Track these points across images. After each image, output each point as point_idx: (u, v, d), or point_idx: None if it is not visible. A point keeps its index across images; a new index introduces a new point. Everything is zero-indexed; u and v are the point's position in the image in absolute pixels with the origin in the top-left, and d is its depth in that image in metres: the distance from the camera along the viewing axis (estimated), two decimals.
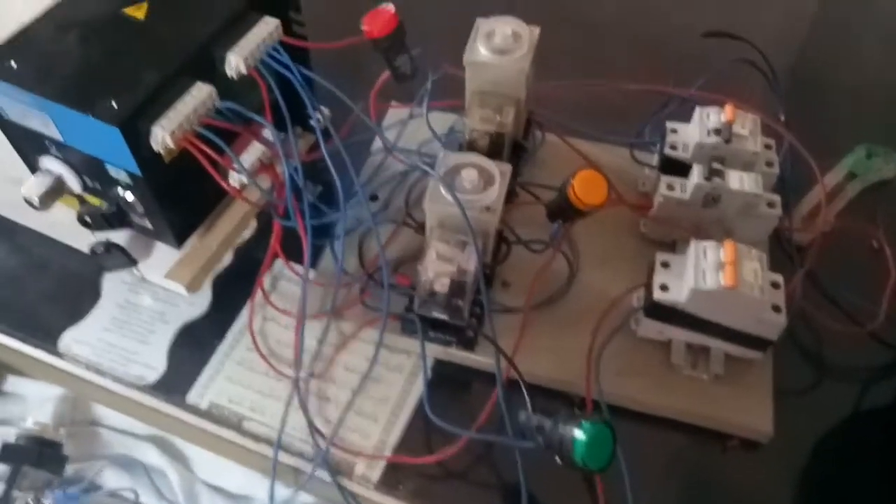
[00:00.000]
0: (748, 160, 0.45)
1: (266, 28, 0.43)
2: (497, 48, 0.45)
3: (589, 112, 0.56)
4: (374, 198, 0.51)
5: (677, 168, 0.47)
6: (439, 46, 0.48)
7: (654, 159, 0.51)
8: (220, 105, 0.41)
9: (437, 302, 0.40)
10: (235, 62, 0.42)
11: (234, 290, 0.48)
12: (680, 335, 0.43)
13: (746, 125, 0.45)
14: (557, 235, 0.44)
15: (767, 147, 0.46)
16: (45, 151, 0.42)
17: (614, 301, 0.43)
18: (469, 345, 0.42)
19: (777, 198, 0.44)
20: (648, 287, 0.41)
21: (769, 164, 0.46)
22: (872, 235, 0.49)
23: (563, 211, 0.42)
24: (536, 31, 0.46)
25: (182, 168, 0.40)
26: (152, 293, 0.48)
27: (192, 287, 0.47)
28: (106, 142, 0.38)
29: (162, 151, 0.39)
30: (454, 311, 0.40)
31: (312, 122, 0.48)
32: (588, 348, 0.42)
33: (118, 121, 0.36)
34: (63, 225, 0.47)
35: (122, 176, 0.40)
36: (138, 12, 0.41)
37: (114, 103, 0.37)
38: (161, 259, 0.47)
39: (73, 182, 0.43)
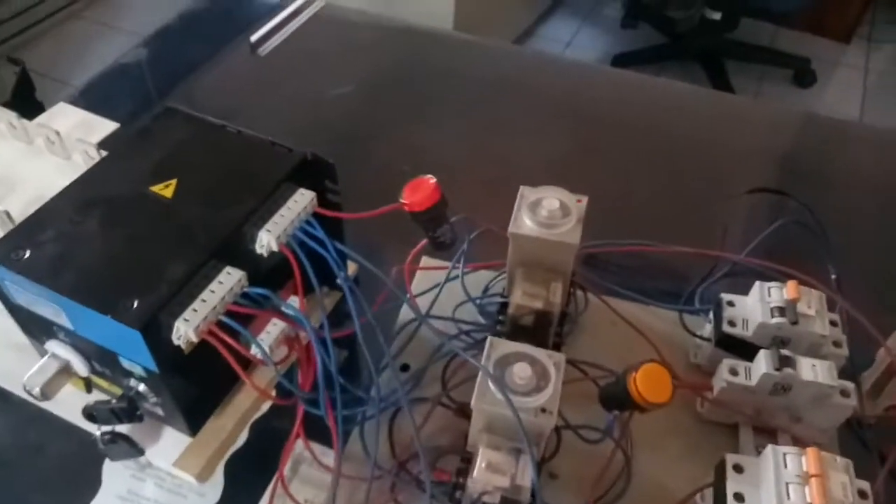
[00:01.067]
0: (815, 342, 0.41)
1: (302, 202, 0.41)
2: (543, 221, 0.43)
3: (631, 271, 0.54)
4: (404, 367, 0.47)
5: (736, 345, 0.43)
6: (475, 200, 0.46)
7: (706, 328, 0.47)
8: (251, 291, 0.38)
9: None
10: (267, 240, 0.39)
11: (250, 474, 0.43)
12: None
13: (812, 304, 0.42)
14: (613, 427, 0.40)
15: (833, 324, 0.43)
16: (53, 336, 0.39)
17: (682, 502, 0.39)
18: None
19: (851, 385, 0.40)
20: (720, 495, 0.37)
21: (837, 344, 0.42)
22: None
23: (621, 402, 0.38)
24: (584, 201, 0.44)
25: (199, 356, 0.36)
26: (157, 480, 0.43)
27: (203, 476, 0.42)
28: (123, 340, 0.34)
29: (183, 346, 0.35)
30: None
31: (339, 282, 0.45)
32: None
33: (139, 324, 0.33)
34: (64, 401, 0.43)
35: (137, 369, 0.37)
36: (166, 190, 0.39)
37: (135, 303, 0.33)
38: (170, 442, 0.42)
39: (80, 367, 0.39)
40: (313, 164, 0.42)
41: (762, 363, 0.40)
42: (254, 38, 0.80)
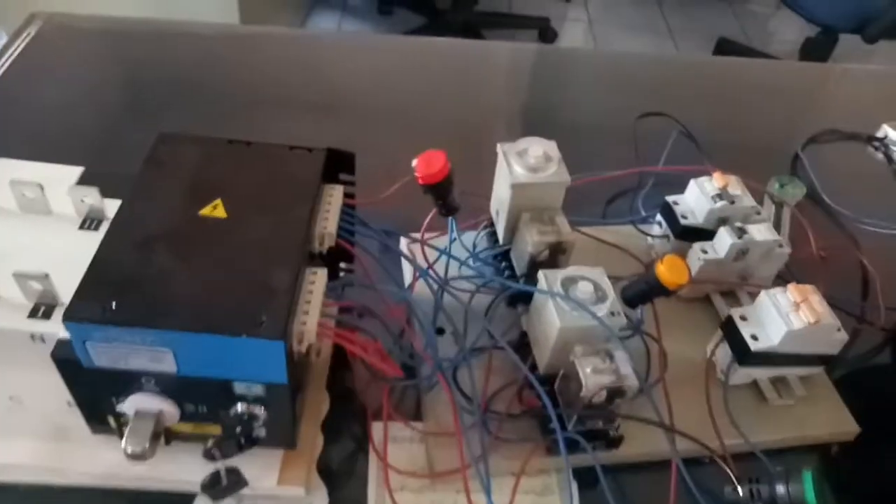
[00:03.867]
0: (748, 213, 0.53)
1: (338, 196, 0.42)
2: (534, 166, 0.49)
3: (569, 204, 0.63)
4: (440, 331, 0.50)
5: (692, 233, 0.54)
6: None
7: (655, 229, 0.58)
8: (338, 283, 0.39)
9: (593, 415, 0.41)
10: (328, 238, 0.40)
11: (343, 470, 0.44)
12: (762, 373, 0.49)
13: (737, 186, 0.54)
14: (642, 320, 0.48)
15: None
16: (135, 391, 0.36)
17: (708, 364, 0.48)
18: (617, 443, 0.44)
19: (783, 238, 0.53)
20: (737, 340, 0.47)
21: (758, 212, 0.55)
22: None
23: (647, 295, 0.46)
24: (554, 143, 0.51)
25: (296, 361, 0.37)
26: None
27: (310, 485, 0.42)
28: (251, 360, 0.34)
29: (303, 350, 0.36)
30: (608, 417, 0.42)
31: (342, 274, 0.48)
32: (708, 411, 0.46)
33: (280, 334, 0.33)
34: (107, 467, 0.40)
35: (255, 389, 0.36)
36: (217, 211, 0.38)
37: (263, 317, 0.33)
38: (263, 466, 0.42)
39: (172, 414, 0.37)
40: (332, 159, 0.44)
41: (726, 238, 0.51)
42: None
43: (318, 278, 0.38)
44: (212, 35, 0.86)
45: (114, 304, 0.33)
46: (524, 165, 0.49)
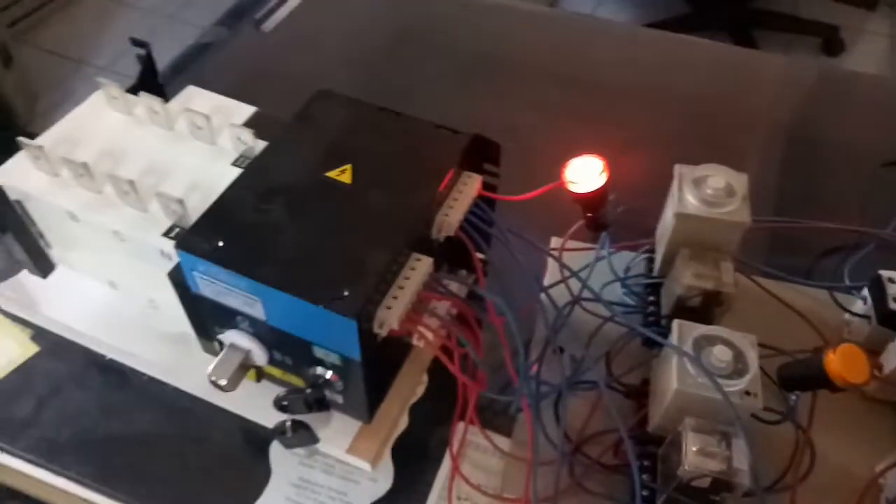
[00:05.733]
0: None
1: (473, 186, 0.40)
2: (709, 199, 0.42)
3: (766, 247, 0.54)
4: (558, 350, 0.46)
5: None
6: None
7: (858, 305, 0.47)
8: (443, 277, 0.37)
9: (690, 497, 0.35)
10: (447, 227, 0.38)
11: (417, 459, 0.43)
12: None
13: None
14: (797, 408, 0.40)
15: None
16: (234, 326, 0.38)
17: (871, 483, 0.39)
18: None
19: None
20: None
21: None
22: None
23: (808, 382, 0.38)
24: (745, 177, 0.43)
25: (384, 343, 0.36)
26: (325, 467, 0.43)
27: (377, 461, 0.42)
28: (329, 330, 0.34)
29: (383, 334, 0.35)
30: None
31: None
32: None
33: (354, 313, 0.32)
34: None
35: (332, 358, 0.36)
36: (343, 176, 0.38)
37: (346, 293, 0.33)
38: (338, 429, 0.42)
39: (260, 356, 0.38)
40: (476, 146, 0.41)
41: None
42: (258, 14, 0.77)
43: (420, 266, 0.36)
44: (465, 3, 0.84)
45: (221, 243, 0.34)
46: (697, 195, 0.42)
